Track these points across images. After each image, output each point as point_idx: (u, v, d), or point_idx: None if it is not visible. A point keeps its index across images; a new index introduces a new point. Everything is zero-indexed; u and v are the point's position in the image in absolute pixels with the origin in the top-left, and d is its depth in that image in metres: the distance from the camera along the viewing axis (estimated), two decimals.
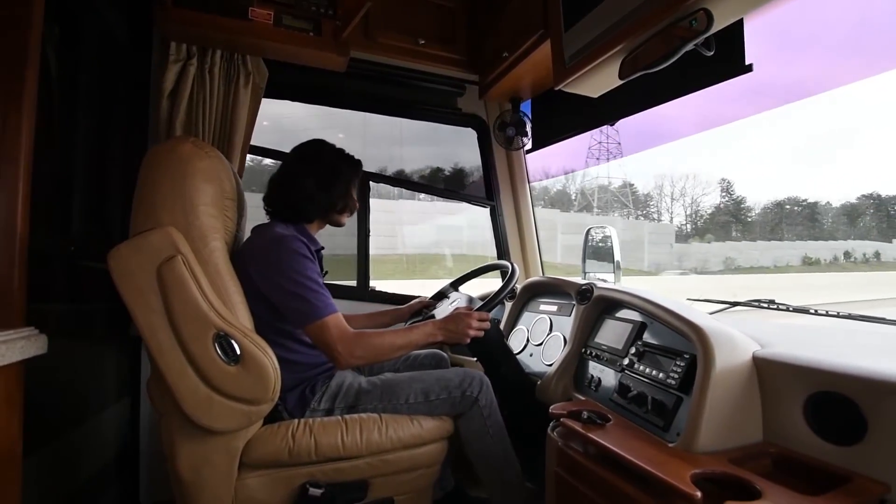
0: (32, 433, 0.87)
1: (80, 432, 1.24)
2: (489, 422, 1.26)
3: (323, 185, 1.29)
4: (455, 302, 1.51)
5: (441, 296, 1.65)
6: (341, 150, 1.36)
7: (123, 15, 1.50)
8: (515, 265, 1.49)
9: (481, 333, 1.26)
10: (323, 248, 1.34)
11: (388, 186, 2.22)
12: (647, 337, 1.14)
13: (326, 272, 1.52)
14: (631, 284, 1.39)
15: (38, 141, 0.87)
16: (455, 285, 1.67)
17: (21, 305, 0.83)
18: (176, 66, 1.47)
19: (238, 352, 0.98)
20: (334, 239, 1.83)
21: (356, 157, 1.38)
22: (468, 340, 1.24)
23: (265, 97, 1.64)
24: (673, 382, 0.97)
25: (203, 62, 1.50)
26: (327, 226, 1.38)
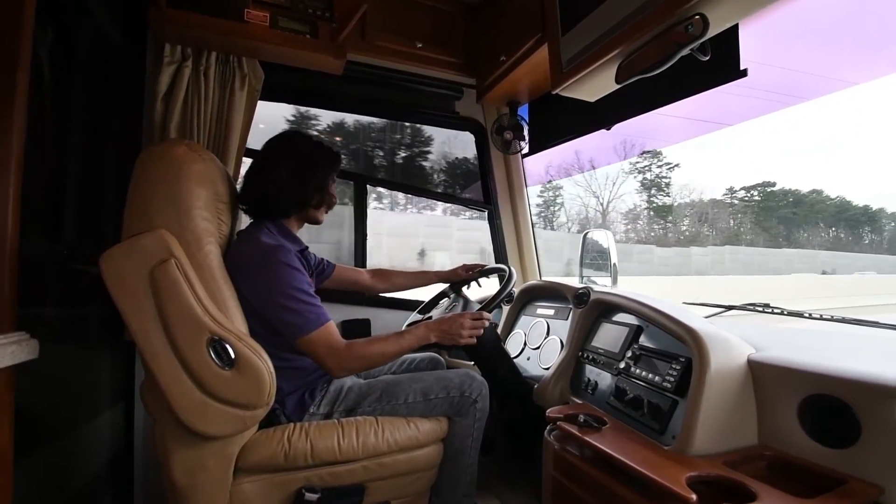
0: (25, 439, 0.86)
1: (74, 438, 1.22)
2: (477, 424, 1.26)
3: (297, 176, 1.23)
4: (454, 305, 1.51)
5: (440, 298, 1.65)
6: (319, 142, 1.30)
7: (117, 16, 1.48)
8: (513, 269, 1.49)
9: (479, 332, 1.23)
10: (307, 247, 1.32)
11: None
12: (643, 340, 1.14)
13: (316, 271, 1.51)
14: (627, 288, 1.39)
15: (30, 144, 0.86)
16: (455, 288, 1.66)
17: (11, 310, 0.81)
18: (170, 68, 1.45)
19: (233, 356, 0.97)
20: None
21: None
22: (463, 342, 1.21)
23: (261, 100, 1.63)
24: (669, 386, 0.97)
25: (198, 64, 1.49)
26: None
